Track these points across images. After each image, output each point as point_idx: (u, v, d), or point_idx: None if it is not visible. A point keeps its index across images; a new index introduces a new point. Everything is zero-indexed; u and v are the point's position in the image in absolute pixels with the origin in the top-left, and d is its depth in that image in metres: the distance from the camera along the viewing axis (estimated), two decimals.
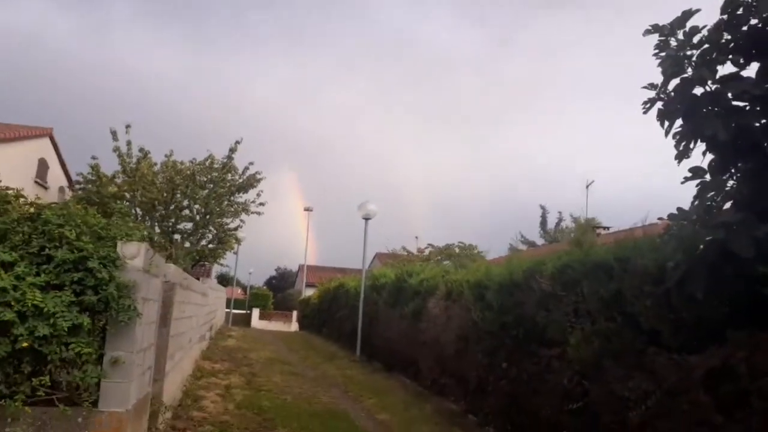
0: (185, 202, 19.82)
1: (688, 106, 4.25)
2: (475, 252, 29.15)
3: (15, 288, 4.03)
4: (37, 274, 4.22)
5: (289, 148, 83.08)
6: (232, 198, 20.94)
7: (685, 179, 4.21)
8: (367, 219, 16.44)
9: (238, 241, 22.80)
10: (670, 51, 4.44)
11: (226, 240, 21.59)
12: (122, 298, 4.38)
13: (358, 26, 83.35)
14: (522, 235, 35.40)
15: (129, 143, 18.88)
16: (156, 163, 19.46)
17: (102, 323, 4.36)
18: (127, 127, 18.82)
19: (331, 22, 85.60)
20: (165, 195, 19.14)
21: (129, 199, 18.65)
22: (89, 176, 18.94)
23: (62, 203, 5.05)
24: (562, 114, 78.03)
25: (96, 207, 10.65)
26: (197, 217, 20.05)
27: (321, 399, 9.07)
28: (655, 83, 4.58)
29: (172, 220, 19.71)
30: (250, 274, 54.46)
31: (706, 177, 4.14)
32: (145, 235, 5.79)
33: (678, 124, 4.35)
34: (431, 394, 9.33)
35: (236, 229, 21.61)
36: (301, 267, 47.50)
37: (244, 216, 21.26)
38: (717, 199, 3.96)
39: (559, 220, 36.52)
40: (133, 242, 4.71)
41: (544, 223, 37.19)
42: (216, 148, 21.09)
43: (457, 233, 67.82)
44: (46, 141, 22.66)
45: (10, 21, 75.21)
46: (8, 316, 3.92)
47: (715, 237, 3.58)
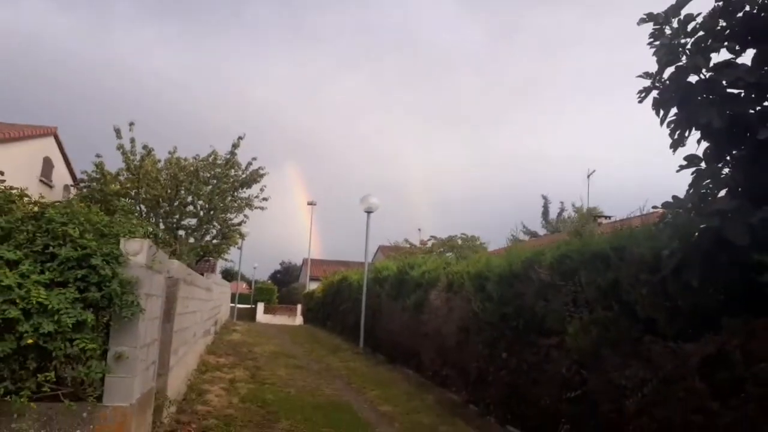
0: (189, 198, 19.85)
1: (683, 94, 4.23)
2: (478, 243, 29.13)
3: (20, 286, 4.07)
4: (42, 272, 4.25)
5: (293, 144, 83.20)
6: (236, 194, 20.96)
7: (681, 167, 4.19)
8: (369, 212, 16.46)
9: (242, 237, 22.87)
10: (665, 39, 4.41)
11: (230, 235, 21.64)
12: (125, 295, 4.41)
13: (360, 24, 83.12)
14: (524, 226, 35.36)
15: (133, 141, 18.89)
16: (160, 160, 19.47)
17: (106, 319, 4.40)
18: (131, 124, 18.84)
19: (332, 19, 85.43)
20: (169, 191, 19.17)
21: (133, 196, 18.70)
22: (94, 174, 18.98)
23: (66, 202, 5.08)
24: (563, 106, 77.77)
25: (99, 205, 10.67)
26: (201, 213, 20.09)
27: (324, 391, 9.12)
28: (651, 72, 4.56)
29: (176, 216, 19.75)
30: (254, 268, 54.70)
31: (702, 165, 4.12)
32: (149, 232, 5.82)
33: (673, 112, 4.33)
34: (433, 385, 9.37)
35: (240, 225, 21.64)
36: (305, 261, 47.60)
37: (247, 211, 21.30)
38: (712, 186, 3.95)
39: (561, 210, 36.44)
40: (136, 239, 4.74)
41: (546, 213, 37.11)
42: (219, 145, 21.10)
43: (461, 226, 67.83)
44: (51, 140, 22.71)
45: (11, 21, 75.21)
46: (13, 313, 3.96)
47: (710, 225, 3.57)
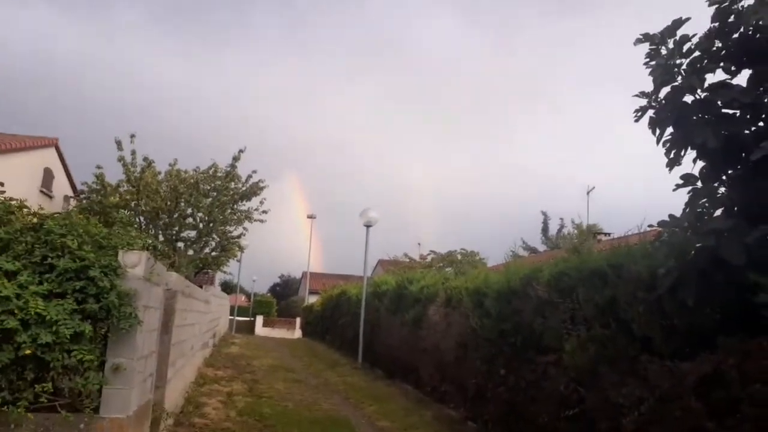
0: (189, 211, 19.87)
1: (679, 114, 4.28)
2: (477, 259, 29.11)
3: (18, 296, 4.08)
4: (40, 283, 4.27)
5: (293, 157, 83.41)
6: (236, 206, 20.97)
7: (677, 186, 4.23)
8: (368, 226, 16.48)
9: (241, 249, 22.82)
10: (661, 60, 4.47)
11: (229, 248, 21.61)
12: (123, 306, 4.42)
13: (362, 32, 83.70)
14: (524, 242, 35.36)
15: (134, 153, 18.96)
16: (160, 172, 19.53)
17: (103, 331, 4.41)
18: (132, 136, 18.92)
19: (334, 27, 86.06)
20: (169, 203, 19.20)
21: (133, 207, 18.72)
22: (94, 185, 19.03)
23: (65, 213, 5.11)
24: (564, 122, 78.07)
25: (98, 216, 10.70)
26: (200, 225, 20.10)
27: (322, 406, 9.07)
28: (647, 91, 4.62)
29: (176, 228, 19.75)
30: (253, 281, 54.60)
31: (698, 184, 4.16)
32: (147, 244, 5.84)
33: (669, 132, 4.37)
34: (432, 401, 9.32)
35: (239, 237, 21.64)
36: (305, 274, 47.48)
37: (247, 224, 21.30)
38: (708, 206, 3.97)
39: (561, 227, 36.48)
40: (134, 251, 4.76)
41: (545, 229, 37.15)
42: (218, 157, 21.17)
43: (462, 240, 67.87)
44: (52, 151, 22.82)
45: (12, 31, 75.88)
46: (11, 324, 3.97)
47: (706, 244, 3.59)
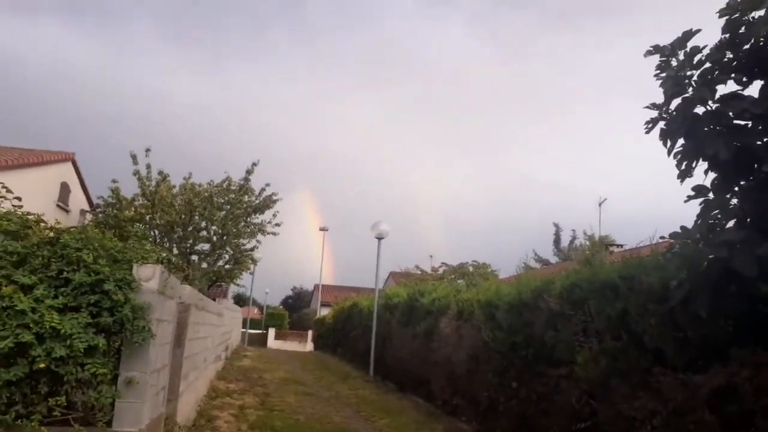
0: (203, 224, 20.06)
1: (690, 125, 4.25)
2: (488, 271, 28.95)
3: (33, 310, 4.14)
4: (55, 297, 4.33)
5: (306, 169, 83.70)
6: (249, 219, 21.14)
7: (689, 198, 4.19)
8: (380, 239, 16.50)
9: (254, 262, 22.95)
10: (671, 71, 4.46)
11: (242, 260, 21.75)
12: (137, 320, 4.47)
13: (375, 44, 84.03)
14: (535, 254, 35.11)
15: (149, 166, 19.21)
16: (174, 186, 19.77)
17: (117, 344, 4.45)
18: (147, 150, 19.19)
19: (346, 39, 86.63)
20: (183, 217, 19.40)
21: (148, 221, 18.93)
22: (110, 199, 19.28)
23: (80, 227, 5.19)
24: (577, 133, 77.64)
25: (113, 230, 10.83)
26: (214, 238, 20.26)
27: (333, 419, 9.03)
28: (658, 103, 4.60)
29: (190, 242, 19.93)
30: (266, 293, 54.64)
31: (710, 195, 4.12)
32: (162, 257, 5.90)
33: (680, 143, 4.35)
34: (443, 414, 9.24)
35: (252, 250, 21.78)
36: (317, 287, 47.54)
37: (260, 237, 21.45)
38: (720, 217, 3.93)
39: (573, 238, 36.20)
40: (148, 265, 4.81)
41: (557, 241, 36.91)
42: (233, 170, 21.36)
43: (473, 252, 67.46)
44: (68, 165, 23.18)
45: (29, 48, 77.44)
46: (26, 337, 4.02)
47: (719, 255, 3.55)
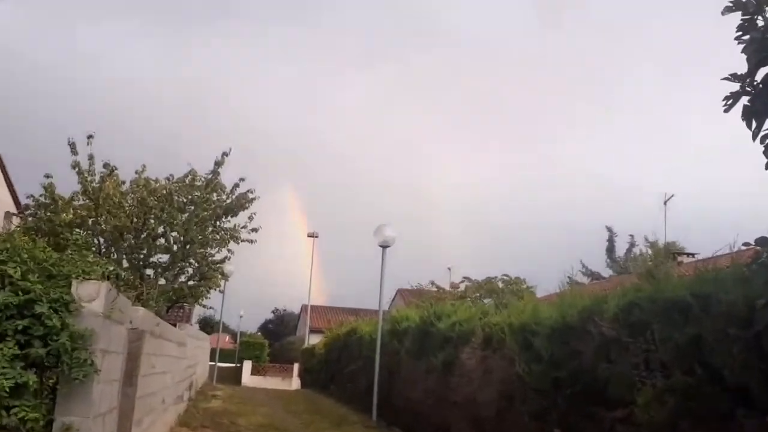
0: (160, 229, 20.07)
1: None
2: (523, 287, 28.94)
3: None
4: None
5: (291, 163, 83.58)
6: (218, 223, 21.16)
7: None
8: (384, 247, 16.49)
9: (225, 277, 22.96)
10: (756, 33, 4.42)
11: (210, 275, 21.75)
12: (77, 351, 4.47)
13: (379, 12, 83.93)
14: (583, 265, 35.16)
15: (91, 158, 19.18)
16: (124, 182, 19.79)
17: (52, 381, 4.45)
18: (89, 137, 19.13)
19: (346, 8, 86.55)
20: (135, 221, 19.42)
21: (90, 226, 18.96)
22: (42, 199, 19.30)
23: (6, 234, 5.20)
24: (633, 112, 77.18)
25: (47, 238, 10.87)
26: (175, 248, 20.27)
27: None
28: (740, 73, 4.56)
29: (144, 252, 19.95)
30: (240, 317, 54.77)
31: None
32: (108, 272, 5.91)
33: None
34: None
35: (223, 262, 21.80)
36: (305, 308, 47.65)
37: (232, 245, 21.45)
38: None
39: (631, 245, 36.25)
40: (92, 281, 4.82)
41: (611, 248, 36.95)
42: (198, 165, 21.25)
43: (503, 264, 67.21)
44: None
45: None
46: None
47: None
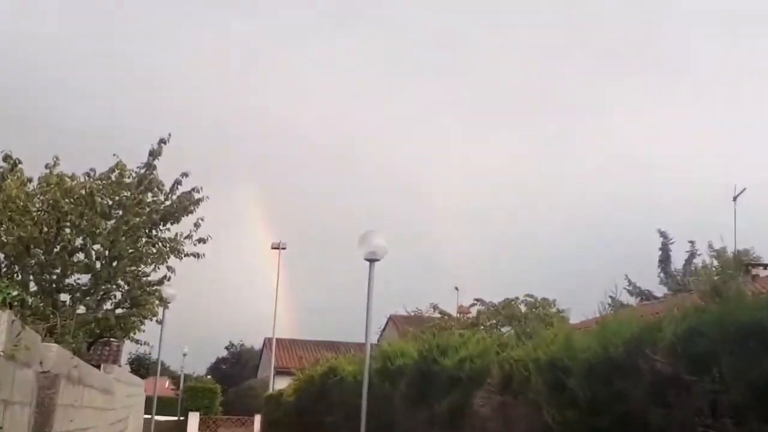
0: (78, 241, 20.04)
1: None
2: (552, 311, 29.08)
3: None
4: None
5: (253, 155, 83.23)
6: (155, 232, 21.14)
7: None
8: (372, 260, 16.45)
9: (164, 302, 22.90)
10: None
11: (143, 301, 21.72)
12: None
13: None
14: (629, 281, 35.24)
15: None
16: (31, 179, 19.75)
17: None
18: None
19: None
20: (45, 230, 19.37)
21: None
22: None
23: None
24: (689, 86, 77.69)
25: None
26: (98, 265, 20.23)
27: None
28: None
29: (58, 271, 19.91)
30: (184, 356, 54.62)
31: None
32: (11, 297, 5.87)
33: None
34: None
35: (161, 283, 21.76)
36: (268, 342, 47.65)
37: (173, 260, 21.44)
38: None
39: (691, 255, 36.41)
40: None
41: (665, 259, 37.10)
42: (127, 159, 21.20)
43: (528, 283, 67.28)
44: None
45: None
46: None
47: None
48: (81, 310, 20.22)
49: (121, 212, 20.23)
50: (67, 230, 19.71)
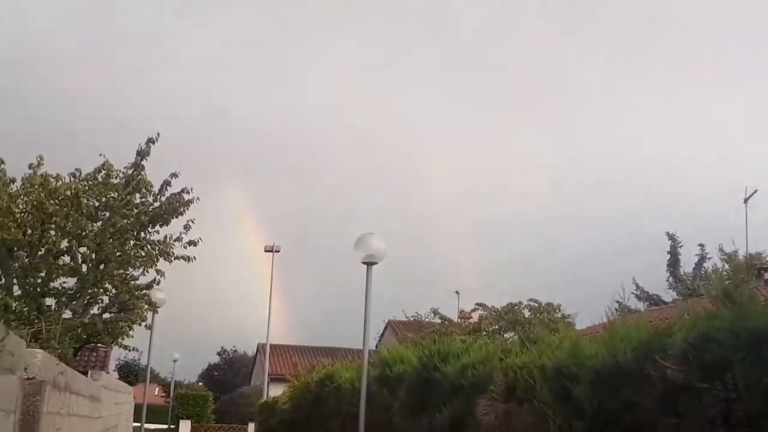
0: (64, 244, 19.98)
1: None
2: (557, 316, 29.06)
3: None
4: None
5: (242, 157, 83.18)
6: (143, 234, 21.09)
7: None
8: (370, 264, 16.45)
9: (154, 307, 22.87)
10: None
11: (132, 305, 21.67)
12: None
13: None
14: (637, 286, 35.31)
15: None
16: (13, 180, 19.71)
17: None
18: None
19: None
20: (29, 232, 19.32)
21: None
22: None
23: None
24: (698, 84, 77.65)
25: None
26: (84, 268, 20.19)
27: None
28: None
29: (42, 275, 19.86)
30: (174, 362, 54.66)
31: None
32: None
33: None
34: None
35: (150, 287, 21.72)
36: (262, 348, 47.58)
37: (162, 264, 21.39)
38: None
39: (701, 258, 36.45)
40: None
41: (674, 263, 37.17)
42: (114, 158, 21.15)
43: (532, 286, 67.24)
44: None
45: None
46: None
47: None
48: (67, 314, 20.14)
49: (108, 214, 20.18)
50: (52, 232, 19.64)
